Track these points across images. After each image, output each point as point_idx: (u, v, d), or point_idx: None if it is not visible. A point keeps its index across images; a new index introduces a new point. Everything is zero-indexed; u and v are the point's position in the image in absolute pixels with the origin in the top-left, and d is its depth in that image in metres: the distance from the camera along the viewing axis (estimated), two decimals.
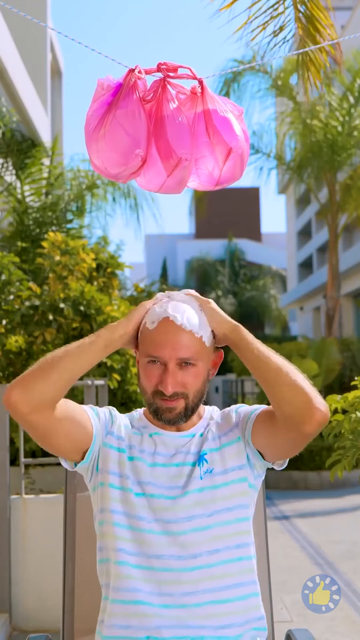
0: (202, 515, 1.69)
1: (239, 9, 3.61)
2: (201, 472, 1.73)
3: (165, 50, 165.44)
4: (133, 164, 1.60)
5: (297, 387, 1.62)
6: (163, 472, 1.73)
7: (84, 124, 1.64)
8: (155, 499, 1.70)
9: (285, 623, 4.16)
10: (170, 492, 1.71)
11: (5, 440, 4.10)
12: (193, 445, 1.77)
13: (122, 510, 1.71)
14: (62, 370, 1.63)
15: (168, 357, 1.69)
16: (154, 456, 1.75)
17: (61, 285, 5.22)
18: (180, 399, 1.71)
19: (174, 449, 1.76)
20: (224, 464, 1.74)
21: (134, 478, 1.72)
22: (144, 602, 1.65)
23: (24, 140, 9.97)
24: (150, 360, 1.71)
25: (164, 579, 1.66)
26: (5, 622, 3.89)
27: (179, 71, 1.66)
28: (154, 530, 1.68)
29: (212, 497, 1.71)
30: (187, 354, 1.69)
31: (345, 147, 13.61)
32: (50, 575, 3.96)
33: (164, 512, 1.70)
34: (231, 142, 1.65)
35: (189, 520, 1.69)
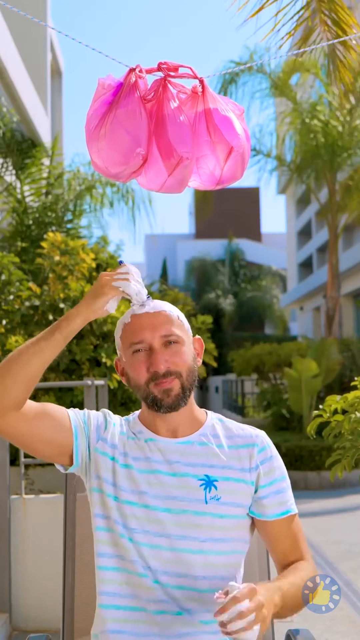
0: (196, 539, 1.65)
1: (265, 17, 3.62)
2: (207, 496, 1.67)
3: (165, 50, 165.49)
4: (134, 163, 1.60)
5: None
6: (159, 480, 1.68)
7: (85, 124, 1.64)
8: (150, 510, 1.66)
9: (285, 623, 4.15)
10: (166, 503, 1.66)
11: (5, 440, 4.10)
12: (193, 456, 1.70)
13: (120, 520, 1.67)
14: (18, 372, 1.59)
15: (151, 337, 1.68)
16: (150, 463, 1.70)
17: (61, 285, 5.22)
18: (174, 379, 1.68)
19: (170, 456, 1.70)
20: (233, 496, 1.68)
21: (128, 487, 1.68)
22: (120, 606, 1.65)
23: (24, 140, 9.98)
24: (134, 350, 1.69)
25: (154, 593, 1.64)
26: (5, 622, 3.89)
27: (180, 70, 1.66)
28: (142, 542, 1.65)
29: (212, 524, 1.66)
30: (168, 330, 1.70)
31: (346, 147, 13.61)
32: (50, 575, 3.96)
33: (157, 525, 1.66)
34: (232, 141, 1.65)
35: (182, 539, 1.65)
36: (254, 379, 16.46)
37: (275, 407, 12.58)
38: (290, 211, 33.45)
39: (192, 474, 1.68)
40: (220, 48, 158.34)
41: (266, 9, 3.60)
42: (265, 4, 3.53)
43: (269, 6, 3.52)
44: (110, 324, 5.17)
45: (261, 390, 14.32)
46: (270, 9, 3.61)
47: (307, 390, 10.88)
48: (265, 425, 12.57)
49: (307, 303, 28.65)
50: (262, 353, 15.25)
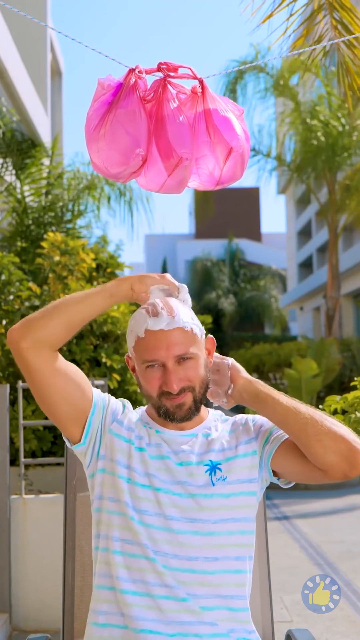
0: (207, 521, 1.68)
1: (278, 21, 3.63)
2: (214, 479, 1.71)
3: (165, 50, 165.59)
4: (134, 164, 1.60)
5: (337, 435, 1.61)
6: (167, 466, 1.71)
7: (85, 124, 1.64)
8: (161, 493, 1.69)
9: (285, 623, 4.15)
10: (175, 488, 1.70)
11: (5, 440, 4.10)
12: (197, 446, 1.75)
13: (131, 502, 1.69)
14: (63, 311, 1.67)
15: (165, 357, 1.69)
16: (160, 449, 1.74)
17: (61, 285, 5.22)
18: (187, 393, 1.71)
19: (177, 447, 1.74)
20: (237, 473, 1.73)
21: (141, 470, 1.71)
22: (128, 591, 1.65)
23: (24, 140, 9.98)
24: (148, 365, 1.71)
25: (164, 575, 1.65)
26: (5, 622, 3.89)
27: (180, 71, 1.66)
28: (154, 525, 1.67)
29: (220, 505, 1.70)
30: (183, 350, 1.70)
31: (346, 147, 13.62)
32: (50, 575, 3.96)
33: (167, 508, 1.68)
34: (232, 142, 1.65)
35: (192, 522, 1.68)
36: None
37: None
38: (290, 211, 33.45)
39: (196, 462, 1.72)
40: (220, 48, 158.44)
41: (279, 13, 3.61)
42: (276, 9, 3.53)
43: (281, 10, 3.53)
44: (110, 324, 5.17)
45: None
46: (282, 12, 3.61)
47: (307, 390, 10.88)
48: None
49: (307, 303, 28.65)
50: (262, 353, 15.25)
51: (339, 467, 1.61)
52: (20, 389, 4.38)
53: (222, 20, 62.52)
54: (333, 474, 1.62)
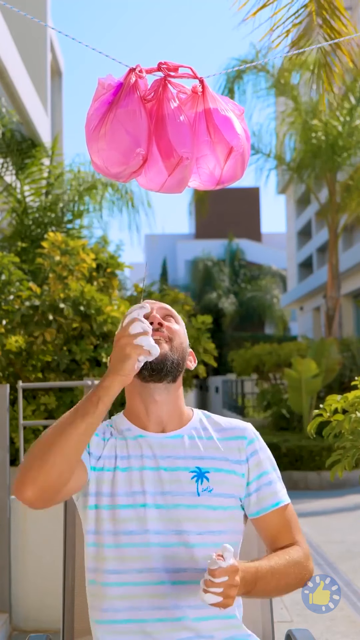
0: (192, 532, 1.65)
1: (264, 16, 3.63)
2: (199, 489, 1.67)
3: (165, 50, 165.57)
4: (134, 163, 1.60)
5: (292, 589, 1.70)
6: (152, 476, 1.68)
7: (85, 123, 1.64)
8: (147, 509, 1.65)
9: (285, 623, 4.15)
10: (160, 499, 1.66)
11: (5, 440, 4.10)
12: (182, 450, 1.71)
13: (96, 528, 1.68)
14: (69, 455, 1.54)
15: (153, 310, 1.75)
16: (142, 460, 1.69)
17: (61, 285, 5.22)
18: (164, 343, 1.70)
19: (161, 452, 1.70)
20: (225, 487, 1.70)
21: (122, 490, 1.67)
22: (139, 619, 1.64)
23: (24, 140, 9.98)
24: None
25: (156, 592, 1.63)
26: (5, 622, 3.89)
27: (180, 70, 1.66)
28: (146, 543, 1.65)
29: (206, 517, 1.67)
30: (169, 312, 1.78)
31: (346, 147, 13.62)
32: (50, 575, 3.96)
33: (152, 523, 1.65)
34: (232, 141, 1.64)
35: (178, 534, 1.65)
36: (254, 379, 16.46)
37: (275, 407, 12.58)
38: (290, 211, 33.45)
39: (183, 467, 1.69)
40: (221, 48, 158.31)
41: (265, 8, 3.61)
42: (266, 3, 3.54)
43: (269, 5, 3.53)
44: (110, 324, 5.17)
45: (261, 390, 14.33)
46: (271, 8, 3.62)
47: (307, 390, 10.88)
48: (265, 425, 12.57)
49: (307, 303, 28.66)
50: (262, 353, 15.25)
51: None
52: (20, 389, 4.37)
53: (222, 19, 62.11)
54: None
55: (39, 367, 5.12)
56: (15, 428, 4.66)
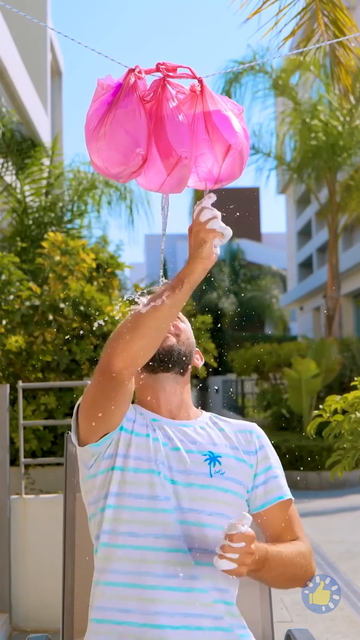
0: (202, 512, 1.67)
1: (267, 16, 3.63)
2: (212, 470, 1.71)
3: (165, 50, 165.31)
4: (133, 163, 1.60)
5: (295, 584, 1.72)
6: (164, 451, 1.71)
7: (84, 124, 1.64)
8: (163, 479, 1.68)
9: (285, 623, 4.15)
10: (171, 474, 1.69)
11: (5, 440, 4.10)
12: (192, 437, 1.75)
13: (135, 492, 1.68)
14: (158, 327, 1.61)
15: None
16: (156, 433, 1.74)
17: (61, 285, 5.21)
18: (172, 336, 1.78)
19: (175, 434, 1.75)
20: (235, 473, 1.73)
21: (143, 455, 1.70)
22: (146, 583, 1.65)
23: (24, 140, 9.98)
24: None
25: (172, 559, 1.64)
26: (5, 622, 3.89)
27: (179, 71, 1.66)
28: (152, 509, 1.67)
29: (215, 497, 1.69)
30: (178, 320, 1.84)
31: (346, 147, 13.61)
32: (50, 575, 3.96)
33: (162, 490, 1.67)
34: (230, 139, 1.65)
35: (191, 512, 1.67)
36: (254, 379, 16.46)
37: (275, 407, 12.58)
38: (290, 211, 33.45)
39: (196, 450, 1.73)
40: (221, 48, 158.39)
41: (267, 8, 3.61)
42: (265, 3, 3.53)
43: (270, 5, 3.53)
44: (110, 324, 5.17)
45: (261, 390, 14.33)
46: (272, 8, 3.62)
47: (307, 390, 10.88)
48: (265, 425, 12.57)
49: (307, 303, 28.66)
50: (262, 353, 15.25)
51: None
52: (20, 389, 4.37)
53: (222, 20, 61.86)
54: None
55: (39, 367, 5.12)
56: (15, 428, 4.65)
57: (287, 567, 1.66)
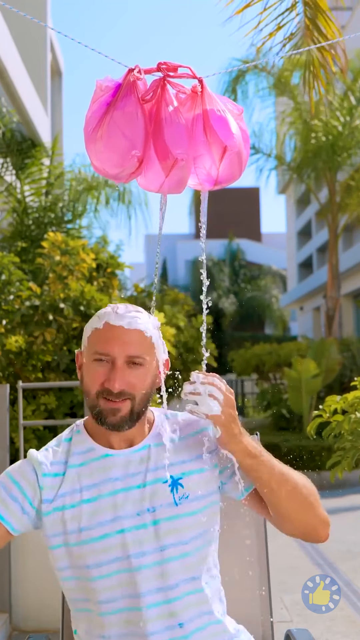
0: (178, 543, 1.60)
1: (250, 15, 3.63)
2: (176, 498, 1.61)
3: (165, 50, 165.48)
4: (130, 165, 1.60)
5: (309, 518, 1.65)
6: (125, 497, 1.61)
7: (84, 126, 1.64)
8: (125, 534, 1.60)
9: (285, 623, 4.15)
10: (139, 520, 1.60)
11: (5, 440, 4.10)
12: (152, 461, 1.65)
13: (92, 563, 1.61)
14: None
15: (117, 353, 1.59)
16: (113, 483, 1.62)
17: (61, 285, 5.22)
18: (126, 400, 1.60)
19: (132, 469, 1.64)
20: (199, 488, 1.64)
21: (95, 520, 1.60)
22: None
23: (24, 140, 9.98)
24: (96, 359, 1.61)
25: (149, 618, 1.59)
26: (5, 622, 3.89)
27: (179, 70, 1.66)
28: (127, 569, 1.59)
29: (188, 524, 1.61)
30: (137, 352, 1.61)
31: (346, 147, 13.62)
32: (50, 575, 3.95)
33: (135, 546, 1.59)
34: (226, 141, 1.64)
35: (163, 550, 1.60)
36: (254, 379, 16.46)
37: (275, 407, 12.58)
38: (290, 211, 33.45)
39: (155, 479, 1.63)
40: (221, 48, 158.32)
41: (252, 7, 3.61)
42: (251, 2, 3.53)
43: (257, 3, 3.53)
44: None
45: (261, 390, 14.33)
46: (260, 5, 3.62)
47: (307, 390, 10.88)
48: (265, 425, 12.57)
49: (307, 303, 28.66)
50: (262, 353, 15.25)
51: (298, 534, 1.69)
52: (20, 389, 4.37)
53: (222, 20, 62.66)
54: (291, 534, 1.70)
55: (39, 367, 5.12)
56: (15, 428, 4.65)
57: (289, 479, 1.63)
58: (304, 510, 1.64)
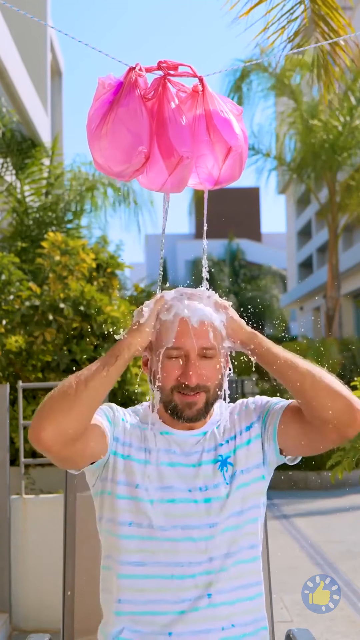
0: (226, 518, 1.66)
1: (257, 15, 3.63)
2: (226, 477, 1.68)
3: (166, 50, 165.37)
4: (136, 161, 1.60)
5: (335, 392, 1.61)
6: (181, 472, 1.68)
7: (86, 123, 1.64)
8: (175, 505, 1.65)
9: (285, 623, 4.15)
10: (191, 495, 1.66)
11: (5, 440, 4.10)
12: (207, 443, 1.71)
13: (133, 520, 1.65)
14: (87, 402, 1.53)
15: (190, 346, 1.63)
16: (170, 455, 1.69)
17: (61, 285, 5.21)
18: (201, 393, 1.65)
19: (188, 449, 1.70)
20: (246, 462, 1.70)
21: (149, 484, 1.66)
22: (154, 612, 1.62)
23: (24, 140, 9.98)
24: (169, 356, 1.65)
25: (183, 586, 1.63)
26: (5, 622, 3.89)
27: (180, 69, 1.66)
28: (173, 538, 1.64)
29: (236, 499, 1.67)
30: (208, 343, 1.65)
31: (346, 147, 13.62)
32: (50, 575, 3.96)
33: (186, 519, 1.65)
34: (231, 141, 1.65)
35: (212, 526, 1.65)
36: (254, 379, 16.45)
37: None
38: (290, 211, 33.46)
39: (209, 460, 1.69)
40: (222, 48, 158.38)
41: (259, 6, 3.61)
42: (257, 3, 3.53)
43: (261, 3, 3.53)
44: (110, 324, 5.17)
45: (261, 390, 14.32)
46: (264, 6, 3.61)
47: None
48: None
49: (307, 303, 28.67)
50: None
51: (336, 425, 1.59)
52: (20, 389, 4.37)
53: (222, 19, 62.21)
54: (330, 433, 1.60)
55: (39, 367, 5.12)
56: (15, 428, 4.65)
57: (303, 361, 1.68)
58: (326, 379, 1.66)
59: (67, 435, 1.51)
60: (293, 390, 1.66)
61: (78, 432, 1.53)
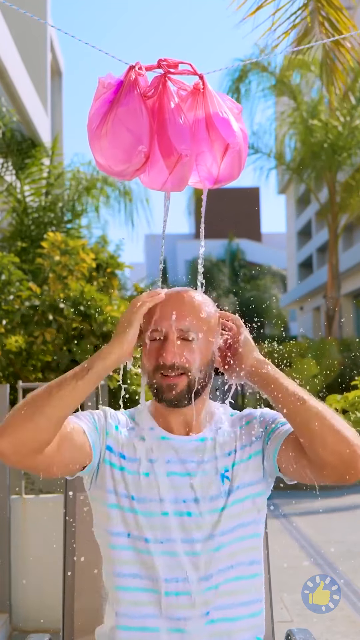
0: (222, 533, 1.62)
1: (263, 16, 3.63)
2: (222, 491, 1.64)
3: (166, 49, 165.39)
4: (136, 161, 1.60)
5: (341, 436, 1.53)
6: (175, 483, 1.64)
7: (87, 123, 1.64)
8: (170, 517, 1.62)
9: (285, 623, 4.15)
10: (186, 507, 1.63)
11: None
12: (207, 453, 1.67)
13: (125, 531, 1.62)
14: (50, 413, 1.47)
15: (168, 326, 1.61)
16: (166, 465, 1.65)
17: (61, 285, 5.21)
18: (182, 376, 1.61)
19: (185, 456, 1.66)
20: (245, 477, 1.67)
21: (143, 496, 1.62)
22: (151, 628, 1.59)
23: (24, 140, 9.98)
24: (152, 339, 1.63)
25: (179, 603, 1.59)
26: (5, 622, 3.89)
27: (180, 67, 1.65)
28: (166, 552, 1.60)
29: (232, 514, 1.63)
30: (189, 324, 1.62)
31: (346, 147, 13.62)
32: (50, 575, 3.96)
33: (180, 532, 1.62)
34: (229, 138, 1.64)
35: (209, 539, 1.61)
36: None
37: None
38: (290, 211, 33.46)
39: (207, 471, 1.65)
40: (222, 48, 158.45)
41: (265, 8, 3.61)
42: (263, 3, 3.53)
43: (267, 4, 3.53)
44: (110, 324, 5.17)
45: None
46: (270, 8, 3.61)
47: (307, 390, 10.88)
48: None
49: (307, 303, 28.67)
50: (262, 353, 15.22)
51: (336, 469, 1.53)
52: (20, 389, 4.37)
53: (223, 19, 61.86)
54: (329, 474, 1.55)
55: (39, 367, 5.12)
56: None
57: (309, 395, 1.63)
58: (334, 421, 1.56)
59: (26, 446, 1.46)
60: (298, 428, 1.58)
61: (41, 443, 1.47)
